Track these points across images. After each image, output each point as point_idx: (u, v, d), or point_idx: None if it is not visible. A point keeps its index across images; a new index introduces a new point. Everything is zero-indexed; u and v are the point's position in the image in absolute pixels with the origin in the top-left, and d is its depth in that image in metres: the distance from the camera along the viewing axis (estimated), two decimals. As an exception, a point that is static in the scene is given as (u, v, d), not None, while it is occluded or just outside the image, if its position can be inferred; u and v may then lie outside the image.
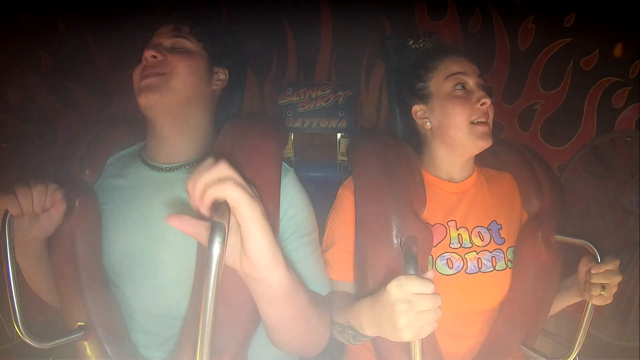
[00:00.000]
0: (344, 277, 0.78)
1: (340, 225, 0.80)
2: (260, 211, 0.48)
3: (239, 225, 0.48)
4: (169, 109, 0.72)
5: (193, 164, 0.75)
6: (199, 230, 0.48)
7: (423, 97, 0.83)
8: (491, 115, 0.80)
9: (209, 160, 0.48)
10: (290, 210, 0.70)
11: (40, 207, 0.65)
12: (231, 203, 0.46)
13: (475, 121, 0.78)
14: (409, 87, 0.86)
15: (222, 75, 0.81)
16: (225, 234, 0.46)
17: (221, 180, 0.46)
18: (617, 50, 1.40)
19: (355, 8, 1.38)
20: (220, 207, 0.46)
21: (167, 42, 0.75)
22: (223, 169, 0.47)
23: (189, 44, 0.76)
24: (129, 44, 1.20)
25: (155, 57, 0.72)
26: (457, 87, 0.79)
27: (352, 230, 0.78)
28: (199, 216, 0.49)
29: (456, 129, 0.79)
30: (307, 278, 0.69)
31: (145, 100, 0.70)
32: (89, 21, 1.28)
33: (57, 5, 1.25)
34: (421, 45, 0.88)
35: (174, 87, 0.72)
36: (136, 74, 0.73)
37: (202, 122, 0.77)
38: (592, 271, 0.72)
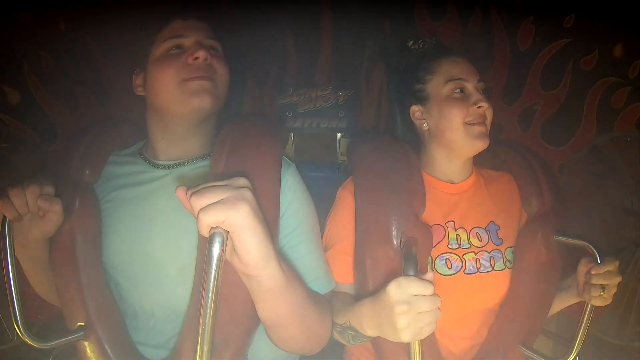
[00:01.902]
0: (344, 279, 0.78)
1: (339, 226, 0.80)
2: (243, 215, 0.47)
3: None
4: (210, 112, 0.71)
5: (196, 160, 0.75)
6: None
7: (421, 98, 0.84)
8: (489, 117, 0.80)
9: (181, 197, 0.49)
10: (292, 206, 0.70)
11: (35, 206, 0.64)
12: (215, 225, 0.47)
13: (471, 122, 0.78)
14: (407, 88, 0.86)
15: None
16: (224, 235, 0.46)
17: (198, 215, 0.46)
18: (617, 51, 1.40)
19: (355, 8, 1.38)
20: None
21: (205, 41, 0.73)
22: (194, 205, 0.47)
23: (218, 46, 0.75)
24: (130, 43, 1.20)
25: (206, 59, 0.69)
26: (455, 91, 0.79)
27: (351, 232, 0.78)
28: None
29: (452, 130, 0.79)
30: (308, 275, 0.69)
31: (200, 103, 0.68)
32: (89, 21, 1.27)
33: (57, 5, 1.25)
34: (420, 46, 0.88)
35: (220, 93, 0.72)
36: (174, 69, 0.69)
37: (211, 119, 0.77)
38: (592, 272, 0.72)
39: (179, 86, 0.69)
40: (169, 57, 0.70)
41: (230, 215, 0.46)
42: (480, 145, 0.78)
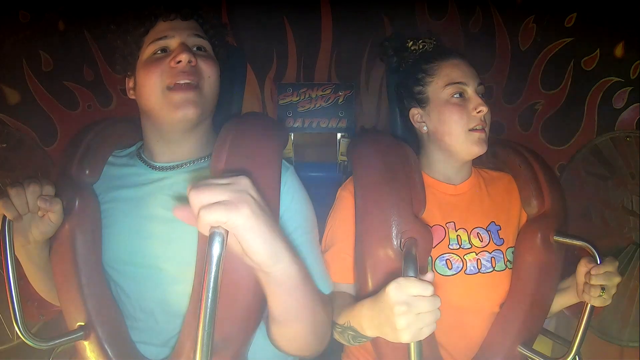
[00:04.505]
0: (343, 279, 0.78)
1: (339, 226, 0.80)
2: (245, 217, 0.46)
3: None
4: (196, 122, 0.70)
5: (193, 163, 0.74)
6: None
7: (420, 101, 0.83)
8: (488, 121, 0.80)
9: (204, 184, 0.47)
10: (291, 208, 0.70)
11: (35, 206, 0.64)
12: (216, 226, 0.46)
13: (472, 128, 0.78)
14: (407, 90, 0.86)
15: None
16: (224, 235, 0.46)
17: (198, 214, 0.45)
18: (618, 51, 1.39)
19: (355, 8, 1.38)
20: None
21: (190, 41, 0.70)
22: (193, 202, 0.45)
23: (207, 45, 0.73)
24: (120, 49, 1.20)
25: (190, 61, 0.67)
26: (455, 95, 0.79)
27: (351, 232, 0.78)
28: None
29: (452, 136, 0.79)
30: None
31: (184, 115, 0.67)
32: (89, 21, 1.28)
33: (56, 5, 1.25)
34: (420, 46, 0.87)
35: (207, 99, 0.70)
36: (157, 74, 0.67)
37: (205, 122, 0.76)
38: (592, 272, 0.72)
39: (163, 95, 0.67)
40: (153, 61, 0.69)
41: (231, 218, 0.45)
42: (478, 151, 0.79)
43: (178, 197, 0.70)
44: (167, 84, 0.67)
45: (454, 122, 0.78)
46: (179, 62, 0.67)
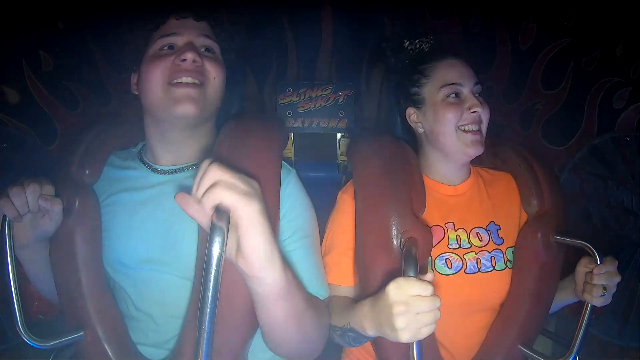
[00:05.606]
0: (343, 282, 0.78)
1: (339, 229, 0.80)
2: (257, 211, 0.48)
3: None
4: (196, 120, 0.69)
5: (195, 166, 0.74)
6: (201, 213, 0.48)
7: (416, 101, 0.84)
8: (485, 121, 0.80)
9: (203, 166, 0.48)
10: (291, 212, 0.70)
11: (35, 206, 0.64)
12: (227, 205, 0.47)
13: (465, 128, 0.78)
14: (403, 91, 0.86)
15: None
16: (225, 235, 0.46)
17: (213, 186, 0.46)
18: (618, 51, 1.39)
19: (355, 8, 1.38)
20: (219, 210, 0.46)
21: (198, 40, 0.70)
22: (214, 174, 0.47)
23: (216, 47, 0.72)
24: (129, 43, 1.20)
25: (195, 61, 0.67)
26: (450, 96, 0.79)
27: (351, 235, 0.77)
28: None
29: (446, 135, 0.79)
30: (305, 281, 0.68)
31: (183, 111, 0.66)
32: (89, 20, 1.27)
33: (56, 5, 1.25)
34: (417, 46, 0.87)
35: (210, 99, 0.69)
36: (160, 70, 0.67)
37: (207, 124, 0.76)
38: (594, 272, 0.72)
39: (165, 90, 0.67)
40: (158, 57, 0.69)
41: (243, 206, 0.46)
42: (473, 152, 0.79)
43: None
44: (169, 80, 0.67)
45: (448, 121, 0.78)
46: (184, 60, 0.67)
